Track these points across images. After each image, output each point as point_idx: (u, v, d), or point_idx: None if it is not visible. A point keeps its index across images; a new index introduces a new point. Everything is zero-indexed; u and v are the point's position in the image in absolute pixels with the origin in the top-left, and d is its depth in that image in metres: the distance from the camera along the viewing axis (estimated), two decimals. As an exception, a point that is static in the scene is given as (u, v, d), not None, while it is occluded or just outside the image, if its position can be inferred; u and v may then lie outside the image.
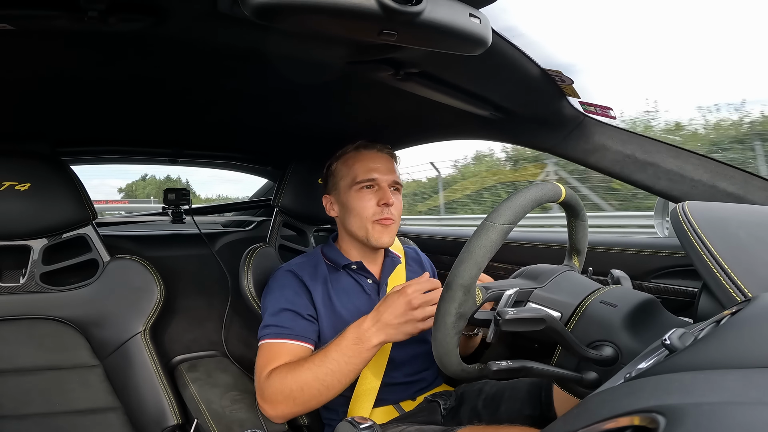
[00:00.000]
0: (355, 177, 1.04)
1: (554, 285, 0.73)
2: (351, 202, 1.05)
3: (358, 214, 1.03)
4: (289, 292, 1.01)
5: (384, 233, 1.03)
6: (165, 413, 1.06)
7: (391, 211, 1.02)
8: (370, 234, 1.03)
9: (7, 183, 0.99)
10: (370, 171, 1.04)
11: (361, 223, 1.03)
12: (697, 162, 0.90)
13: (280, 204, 1.31)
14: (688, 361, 0.36)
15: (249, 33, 0.67)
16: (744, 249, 0.57)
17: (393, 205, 1.03)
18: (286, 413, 0.90)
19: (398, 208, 1.05)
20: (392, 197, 1.03)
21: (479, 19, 0.59)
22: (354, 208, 1.04)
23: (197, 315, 1.39)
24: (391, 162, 1.08)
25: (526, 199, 0.66)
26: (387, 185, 1.04)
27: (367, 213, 1.02)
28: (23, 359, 1.04)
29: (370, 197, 1.03)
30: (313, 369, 0.86)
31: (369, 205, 1.02)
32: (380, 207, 1.02)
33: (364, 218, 1.03)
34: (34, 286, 1.06)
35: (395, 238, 1.12)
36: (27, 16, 0.58)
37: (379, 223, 1.02)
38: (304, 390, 0.86)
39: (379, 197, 1.02)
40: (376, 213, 1.02)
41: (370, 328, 0.85)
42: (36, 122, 1.16)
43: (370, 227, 1.02)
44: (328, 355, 0.86)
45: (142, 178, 24.15)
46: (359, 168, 1.05)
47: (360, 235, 1.04)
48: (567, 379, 0.64)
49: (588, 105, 0.96)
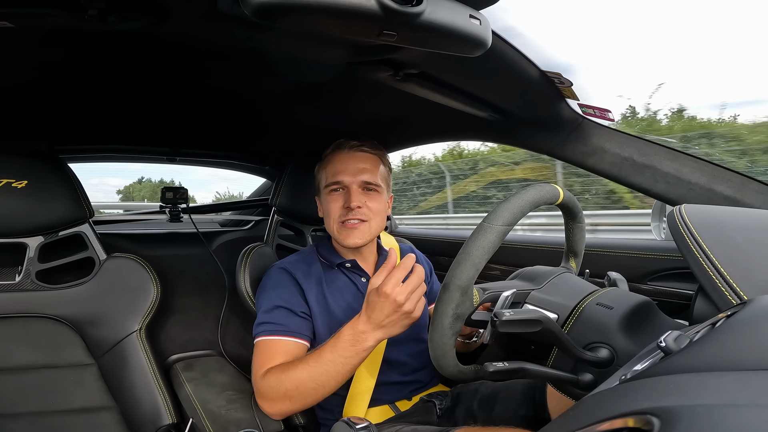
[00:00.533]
0: (326, 180, 1.06)
1: (551, 287, 0.73)
2: (324, 204, 1.08)
3: (327, 215, 1.06)
4: (283, 289, 1.01)
5: (349, 235, 1.03)
6: (160, 412, 1.06)
7: (359, 212, 1.02)
8: (337, 235, 1.05)
9: (4, 180, 0.98)
10: (336, 174, 1.04)
11: (330, 224, 1.06)
12: (695, 165, 0.91)
13: (278, 203, 1.31)
14: (684, 363, 0.37)
15: (249, 33, 0.67)
16: (740, 252, 0.57)
17: (360, 207, 1.02)
18: (283, 411, 0.91)
19: (372, 208, 1.04)
20: (358, 199, 1.02)
21: (479, 20, 0.59)
22: (325, 211, 1.07)
23: (194, 314, 1.38)
24: (365, 161, 1.06)
25: (523, 201, 0.66)
26: (356, 186, 1.03)
27: (334, 215, 1.04)
28: (18, 358, 1.03)
29: (337, 199, 1.04)
30: (308, 369, 0.86)
31: (335, 207, 1.04)
32: (344, 209, 1.02)
33: (332, 220, 1.05)
34: (29, 284, 1.05)
35: (377, 237, 1.13)
36: (26, 14, 0.58)
37: (343, 225, 1.03)
38: (300, 389, 0.87)
39: (345, 200, 1.03)
40: (342, 215, 1.03)
41: (366, 329, 0.85)
42: (34, 120, 1.15)
43: (336, 229, 1.04)
44: (323, 355, 0.86)
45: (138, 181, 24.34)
46: (328, 171, 1.06)
47: (333, 235, 1.06)
48: (563, 380, 0.65)
49: (586, 107, 0.96)
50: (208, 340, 1.37)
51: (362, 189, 1.04)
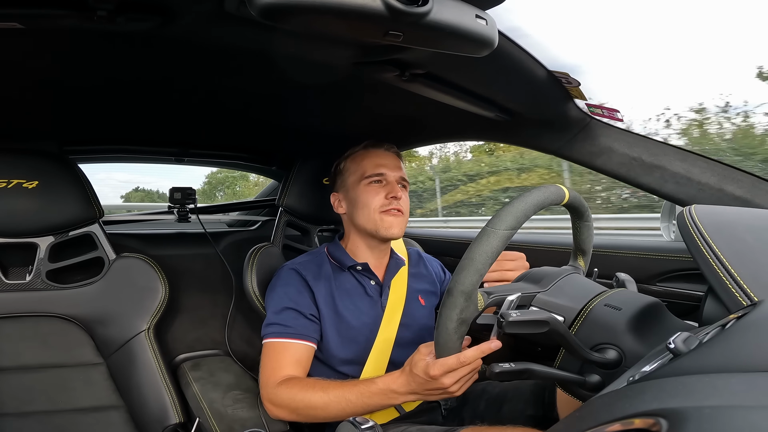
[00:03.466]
0: (364, 172, 1.06)
1: (557, 289, 0.73)
2: (360, 196, 1.06)
3: (366, 206, 1.05)
4: (292, 290, 1.01)
5: (393, 224, 1.04)
6: (167, 412, 1.06)
7: (399, 203, 1.04)
8: (379, 225, 1.04)
9: (15, 181, 1.00)
10: (378, 166, 1.06)
11: (369, 215, 1.04)
12: (705, 165, 0.90)
13: (285, 203, 1.32)
14: (693, 364, 0.36)
15: (255, 33, 0.67)
16: (751, 253, 0.57)
17: (401, 199, 1.05)
18: (286, 419, 0.95)
19: (406, 204, 1.07)
20: (399, 191, 1.05)
21: (485, 20, 0.59)
22: (362, 201, 1.06)
23: (201, 314, 1.39)
24: (397, 160, 1.11)
25: (528, 204, 0.65)
26: (395, 180, 1.06)
27: (376, 204, 1.04)
28: (27, 357, 1.05)
29: (379, 190, 1.05)
30: (325, 398, 0.87)
31: (377, 198, 1.04)
32: (388, 199, 1.04)
33: (372, 210, 1.04)
34: (40, 283, 1.07)
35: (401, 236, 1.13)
36: (36, 15, 0.59)
37: (387, 213, 1.04)
38: (310, 410, 0.88)
39: (388, 191, 1.04)
40: (385, 204, 1.04)
41: (401, 392, 0.82)
42: (44, 121, 1.17)
43: (379, 218, 1.04)
44: (345, 394, 0.86)
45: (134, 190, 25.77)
46: (368, 164, 1.07)
47: (369, 227, 1.05)
48: (570, 381, 0.64)
49: (595, 107, 0.96)
50: (215, 339, 1.38)
51: (400, 185, 1.07)
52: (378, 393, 0.84)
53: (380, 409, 0.88)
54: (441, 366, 0.72)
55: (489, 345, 0.71)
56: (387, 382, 0.84)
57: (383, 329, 1.04)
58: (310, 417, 0.90)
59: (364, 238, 1.09)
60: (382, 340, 1.03)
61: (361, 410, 0.85)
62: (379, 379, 0.85)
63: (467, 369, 0.73)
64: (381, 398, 0.84)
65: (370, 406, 0.85)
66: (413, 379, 0.79)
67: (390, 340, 1.04)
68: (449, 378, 0.74)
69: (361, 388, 0.86)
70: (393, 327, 1.05)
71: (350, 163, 1.11)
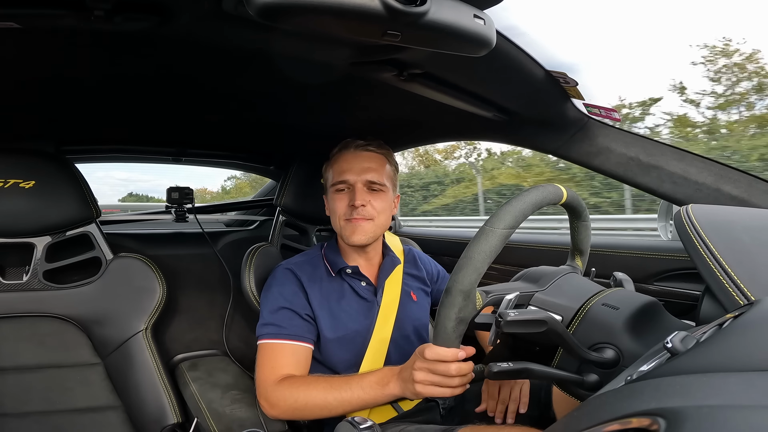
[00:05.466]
0: (332, 179, 1.07)
1: (555, 288, 0.73)
2: (330, 203, 1.09)
3: (333, 213, 1.07)
4: (288, 290, 1.01)
5: (354, 232, 1.03)
6: (165, 412, 1.06)
7: (362, 211, 1.02)
8: (342, 232, 1.05)
9: (11, 180, 0.99)
10: (342, 173, 1.05)
11: (336, 222, 1.06)
12: (702, 165, 0.90)
13: (283, 203, 1.32)
14: (690, 363, 0.36)
15: (253, 33, 0.67)
16: (747, 252, 0.57)
17: (365, 206, 1.02)
18: (283, 417, 0.95)
19: (377, 207, 1.04)
20: (362, 198, 1.02)
21: (483, 20, 0.59)
22: (331, 209, 1.08)
23: (199, 314, 1.39)
24: (371, 160, 1.06)
25: (526, 203, 0.66)
26: (361, 185, 1.04)
27: (340, 213, 1.05)
28: (24, 357, 1.04)
29: (343, 198, 1.05)
30: (324, 393, 0.88)
31: (341, 205, 1.05)
32: (349, 207, 1.03)
33: (337, 217, 1.05)
34: (37, 283, 1.06)
35: (382, 236, 1.13)
36: (33, 15, 0.59)
37: (348, 222, 1.03)
38: (308, 406, 0.89)
39: (350, 198, 1.04)
40: (347, 213, 1.04)
41: (395, 374, 0.84)
42: (41, 120, 1.16)
43: (342, 226, 1.05)
44: (342, 386, 0.87)
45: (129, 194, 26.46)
46: (335, 170, 1.07)
47: (339, 233, 1.07)
48: (568, 381, 0.64)
49: (592, 107, 0.96)
50: (212, 339, 1.38)
51: (367, 188, 1.04)
52: (374, 382, 0.86)
53: (377, 403, 0.88)
54: (436, 352, 0.71)
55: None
56: (383, 370, 0.87)
57: (378, 329, 1.04)
58: (307, 414, 0.90)
59: (343, 241, 1.09)
60: (377, 339, 1.04)
61: (359, 404, 0.86)
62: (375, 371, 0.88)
63: (455, 370, 0.71)
64: (376, 388, 0.85)
65: (365, 400, 0.86)
66: (406, 364, 0.81)
67: (385, 339, 1.04)
68: (440, 366, 0.72)
69: (357, 378, 0.88)
70: (388, 327, 1.06)
71: (327, 167, 1.12)
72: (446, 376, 0.73)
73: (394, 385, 0.83)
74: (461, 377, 0.73)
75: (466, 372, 0.72)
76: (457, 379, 0.73)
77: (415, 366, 0.76)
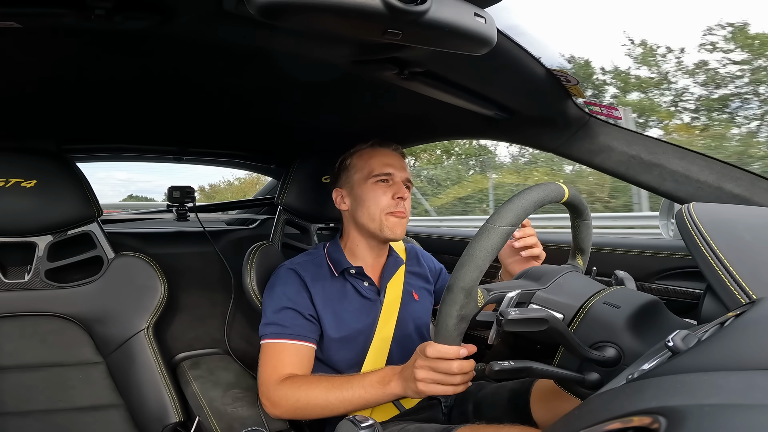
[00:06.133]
0: (372, 170, 1.06)
1: (557, 286, 0.73)
2: (365, 194, 1.05)
3: (371, 205, 1.04)
4: (291, 290, 1.01)
5: (397, 225, 1.04)
6: (167, 410, 1.06)
7: (404, 205, 1.04)
8: (383, 225, 1.03)
9: (13, 180, 0.99)
10: (386, 166, 1.06)
11: (373, 214, 1.04)
12: (703, 163, 0.90)
13: (284, 202, 1.32)
14: (691, 362, 0.36)
15: (254, 32, 0.67)
16: (749, 251, 0.57)
17: (406, 200, 1.05)
18: (284, 416, 0.95)
19: (409, 206, 1.07)
20: (405, 193, 1.05)
21: (484, 18, 0.59)
22: (367, 200, 1.05)
23: (200, 312, 1.39)
24: (403, 161, 1.11)
25: (528, 201, 0.66)
26: (401, 181, 1.06)
27: (383, 204, 1.03)
28: (26, 356, 1.05)
29: (386, 190, 1.04)
30: (325, 393, 0.88)
31: (384, 197, 1.04)
32: (395, 200, 1.03)
33: (377, 210, 1.03)
34: (38, 282, 1.06)
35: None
36: (34, 14, 0.59)
37: (393, 215, 1.03)
38: (310, 406, 0.89)
39: (394, 191, 1.04)
40: (390, 205, 1.03)
41: (396, 374, 0.84)
42: (42, 120, 1.16)
43: (384, 219, 1.03)
44: (344, 385, 0.88)
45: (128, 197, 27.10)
46: (375, 162, 1.06)
47: (372, 227, 1.05)
48: (569, 379, 0.64)
49: (593, 105, 0.96)
50: (214, 338, 1.38)
51: (404, 185, 1.07)
52: (375, 381, 0.86)
53: (378, 402, 0.88)
54: (437, 350, 0.71)
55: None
56: (384, 369, 0.87)
57: (380, 329, 1.04)
58: (308, 413, 0.91)
59: (364, 236, 1.09)
60: (380, 339, 1.04)
61: (360, 403, 0.86)
62: (377, 370, 0.89)
63: (457, 368, 0.71)
64: (377, 387, 0.85)
65: (367, 399, 0.86)
66: (407, 363, 0.81)
67: (387, 338, 1.04)
68: (442, 364, 0.72)
69: (359, 377, 0.89)
70: (390, 326, 1.06)
71: (357, 159, 1.09)
72: (448, 374, 0.73)
73: (396, 384, 0.83)
74: (463, 375, 0.73)
75: (468, 370, 0.73)
76: (458, 377, 0.73)
77: (417, 364, 0.76)
